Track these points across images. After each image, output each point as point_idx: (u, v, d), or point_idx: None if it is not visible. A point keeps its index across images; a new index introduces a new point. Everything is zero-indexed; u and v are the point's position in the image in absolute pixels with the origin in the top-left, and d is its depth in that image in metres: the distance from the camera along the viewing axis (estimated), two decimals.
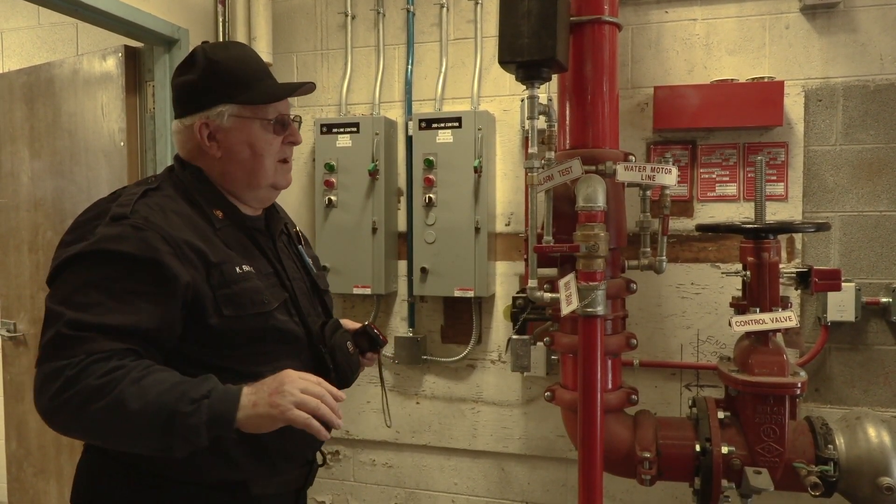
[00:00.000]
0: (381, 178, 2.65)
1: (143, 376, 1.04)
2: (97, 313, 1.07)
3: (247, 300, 1.20)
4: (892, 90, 2.31)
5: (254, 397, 1.07)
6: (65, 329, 1.06)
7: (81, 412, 1.03)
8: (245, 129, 1.27)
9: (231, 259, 1.22)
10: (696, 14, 2.46)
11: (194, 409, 1.02)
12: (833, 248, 2.38)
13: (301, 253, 1.43)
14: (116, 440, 1.09)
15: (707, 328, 2.48)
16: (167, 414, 1.02)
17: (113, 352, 1.06)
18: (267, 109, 1.28)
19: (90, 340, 1.06)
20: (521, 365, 2.47)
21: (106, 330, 1.07)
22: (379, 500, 2.91)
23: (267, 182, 1.31)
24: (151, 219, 1.15)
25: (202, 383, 1.07)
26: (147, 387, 1.03)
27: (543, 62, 1.76)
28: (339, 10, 2.82)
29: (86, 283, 1.10)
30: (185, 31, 2.57)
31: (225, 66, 1.26)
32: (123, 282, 1.10)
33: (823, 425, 1.92)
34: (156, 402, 1.02)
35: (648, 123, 2.49)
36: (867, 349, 2.37)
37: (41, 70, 2.69)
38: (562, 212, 1.91)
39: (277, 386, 1.08)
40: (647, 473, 1.93)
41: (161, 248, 1.12)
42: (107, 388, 1.02)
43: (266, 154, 1.29)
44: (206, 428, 1.03)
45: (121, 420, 1.03)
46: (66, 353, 1.05)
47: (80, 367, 1.03)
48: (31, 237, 2.75)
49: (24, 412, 2.83)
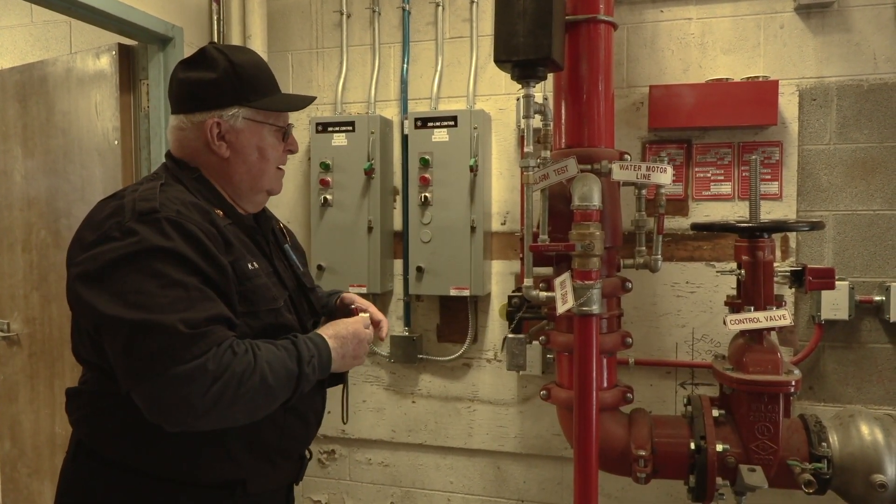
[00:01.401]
0: (376, 177, 2.64)
1: (264, 354, 1.13)
2: (190, 308, 1.07)
3: (260, 297, 1.23)
4: (886, 90, 2.33)
5: (341, 350, 1.28)
6: (183, 328, 1.04)
7: (238, 400, 1.08)
8: (257, 132, 1.30)
9: (243, 255, 1.23)
10: (692, 13, 2.47)
11: (311, 371, 1.19)
12: (827, 246, 2.40)
13: (287, 252, 1.44)
14: (258, 413, 1.16)
15: (702, 327, 2.49)
16: (295, 380, 1.17)
17: (230, 339, 1.10)
18: (279, 117, 1.33)
19: (210, 333, 1.07)
20: (516, 364, 2.48)
21: (211, 321, 1.08)
22: (375, 498, 2.91)
23: (267, 186, 1.35)
24: (183, 211, 1.15)
25: (304, 345, 1.20)
26: (272, 361, 1.14)
27: (539, 61, 1.76)
28: (334, 9, 2.81)
29: (158, 284, 1.07)
30: (179, 30, 2.56)
31: (246, 69, 1.28)
32: (191, 276, 1.10)
33: (817, 423, 1.93)
34: (284, 372, 1.15)
35: (644, 122, 2.50)
36: (861, 347, 2.39)
37: (34, 68, 2.67)
38: (557, 211, 1.91)
39: (358, 341, 1.32)
40: (643, 471, 1.94)
41: (204, 240, 1.14)
42: (248, 371, 1.09)
43: (272, 159, 1.33)
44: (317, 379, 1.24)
45: (266, 395, 1.13)
46: (198, 350, 1.05)
47: (218, 359, 1.06)
48: (25, 236, 2.73)
49: (17, 412, 2.81)
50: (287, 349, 1.18)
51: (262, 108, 1.29)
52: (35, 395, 2.75)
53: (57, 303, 2.65)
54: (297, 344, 1.20)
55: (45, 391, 2.72)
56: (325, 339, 1.26)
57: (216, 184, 1.30)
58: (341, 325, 1.32)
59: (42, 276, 2.69)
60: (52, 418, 2.70)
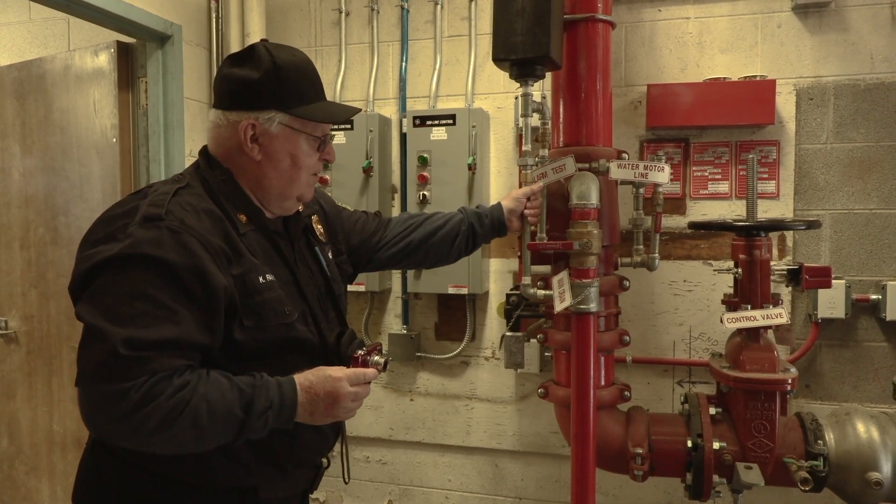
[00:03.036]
0: (375, 175, 2.65)
1: (208, 391, 1.07)
2: (145, 326, 1.04)
3: (269, 311, 1.18)
4: (883, 89, 2.33)
5: (310, 407, 1.15)
6: (123, 349, 1.01)
7: (158, 432, 1.04)
8: (292, 140, 1.25)
9: (255, 268, 1.19)
10: (690, 13, 2.48)
11: (261, 423, 1.11)
12: (824, 245, 2.40)
13: (318, 254, 1.39)
14: (186, 448, 1.11)
15: (699, 325, 2.50)
16: (237, 426, 1.10)
17: (175, 369, 1.06)
18: (317, 127, 1.27)
19: (150, 360, 1.03)
20: (514, 362, 2.48)
21: (161, 346, 1.04)
22: (373, 496, 2.92)
23: (297, 193, 1.30)
24: (187, 221, 1.12)
25: (263, 392, 1.11)
26: (215, 402, 1.07)
27: (537, 60, 1.76)
28: (333, 7, 2.81)
29: (129, 292, 1.05)
30: (178, 27, 2.55)
31: (288, 73, 1.22)
32: (168, 290, 1.06)
33: (813, 421, 1.94)
34: (226, 416, 1.08)
35: (641, 121, 2.50)
36: (857, 346, 2.40)
37: (32, 65, 2.67)
38: (555, 209, 1.91)
39: (332, 401, 1.16)
40: (640, 469, 1.94)
41: (201, 254, 1.09)
42: (177, 408, 1.04)
43: (304, 167, 1.28)
44: (267, 431, 1.14)
45: (195, 436, 1.08)
46: (127, 375, 1.02)
47: (145, 389, 1.02)
48: (23, 234, 2.73)
49: (15, 410, 2.81)
50: (242, 392, 1.10)
51: (301, 116, 1.23)
52: (33, 392, 2.75)
53: (55, 300, 2.65)
54: (256, 388, 1.11)
55: (42, 389, 2.72)
56: (296, 389, 1.15)
57: (245, 186, 1.26)
58: (321, 377, 1.17)
59: (40, 274, 2.69)
60: (50, 416, 2.70)
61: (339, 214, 1.60)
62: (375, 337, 2.84)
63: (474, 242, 1.75)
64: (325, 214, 1.53)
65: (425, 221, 1.71)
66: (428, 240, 1.69)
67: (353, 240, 1.60)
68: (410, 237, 1.68)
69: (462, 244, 1.72)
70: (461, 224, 1.72)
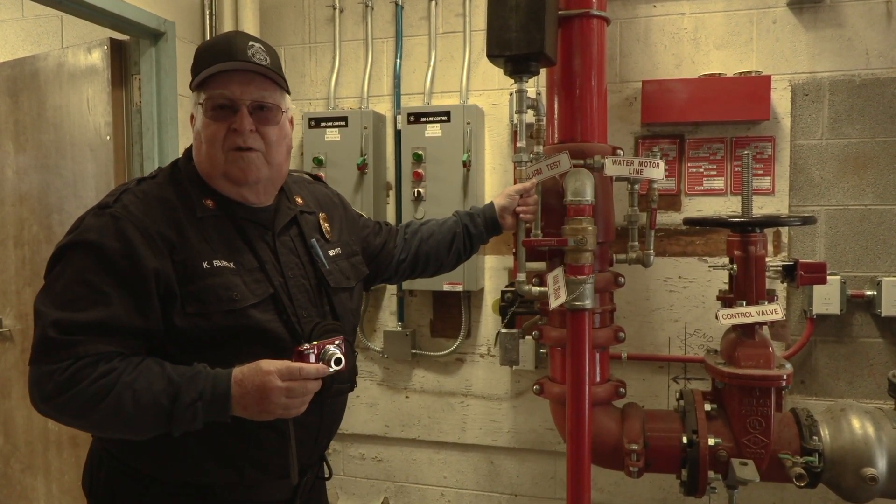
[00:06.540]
0: (369, 173, 2.64)
1: (135, 379, 1.07)
2: (78, 309, 1.07)
3: (212, 296, 1.14)
4: (878, 85, 2.33)
5: (242, 401, 1.10)
6: (51, 331, 1.06)
7: (81, 415, 1.07)
8: (197, 115, 1.23)
9: (200, 253, 1.16)
10: (684, 8, 2.47)
11: (188, 414, 1.08)
12: (819, 241, 2.41)
13: (312, 246, 1.33)
14: (116, 434, 1.14)
15: (694, 321, 2.50)
16: (164, 416, 1.08)
17: (100, 355, 1.07)
18: (202, 93, 1.20)
19: (76, 344, 1.06)
20: (509, 359, 2.48)
21: (88, 329, 1.07)
22: (369, 493, 2.92)
23: (218, 172, 1.22)
24: (131, 208, 1.15)
25: (193, 382, 1.09)
26: (140, 391, 1.06)
27: (532, 56, 1.75)
28: (326, 3, 2.80)
29: (68, 277, 1.10)
30: (171, 24, 2.54)
31: (200, 52, 1.24)
32: (101, 274, 1.10)
33: (808, 417, 1.94)
34: (152, 405, 1.07)
35: (636, 118, 2.50)
36: (852, 342, 2.40)
37: (25, 63, 2.66)
38: (550, 206, 1.91)
39: (261, 396, 1.09)
40: (635, 465, 1.94)
41: (135, 238, 1.11)
42: (100, 395, 1.05)
43: (206, 141, 1.21)
44: (202, 423, 1.10)
45: (120, 423, 1.08)
46: (54, 357, 1.06)
47: (70, 373, 1.05)
48: (17, 232, 2.72)
49: (10, 408, 2.81)
50: (171, 382, 1.07)
51: (194, 88, 1.22)
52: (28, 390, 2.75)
53: None
54: (187, 379, 1.08)
55: None
56: (230, 382, 1.09)
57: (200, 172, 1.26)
58: (253, 370, 1.10)
59: (34, 272, 2.68)
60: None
61: (356, 220, 1.60)
62: (371, 335, 2.84)
63: (471, 244, 1.75)
64: (344, 215, 1.53)
65: (420, 228, 1.72)
66: (423, 246, 1.69)
67: (371, 246, 1.61)
68: (409, 246, 1.69)
69: (460, 246, 1.72)
70: (455, 226, 1.72)
